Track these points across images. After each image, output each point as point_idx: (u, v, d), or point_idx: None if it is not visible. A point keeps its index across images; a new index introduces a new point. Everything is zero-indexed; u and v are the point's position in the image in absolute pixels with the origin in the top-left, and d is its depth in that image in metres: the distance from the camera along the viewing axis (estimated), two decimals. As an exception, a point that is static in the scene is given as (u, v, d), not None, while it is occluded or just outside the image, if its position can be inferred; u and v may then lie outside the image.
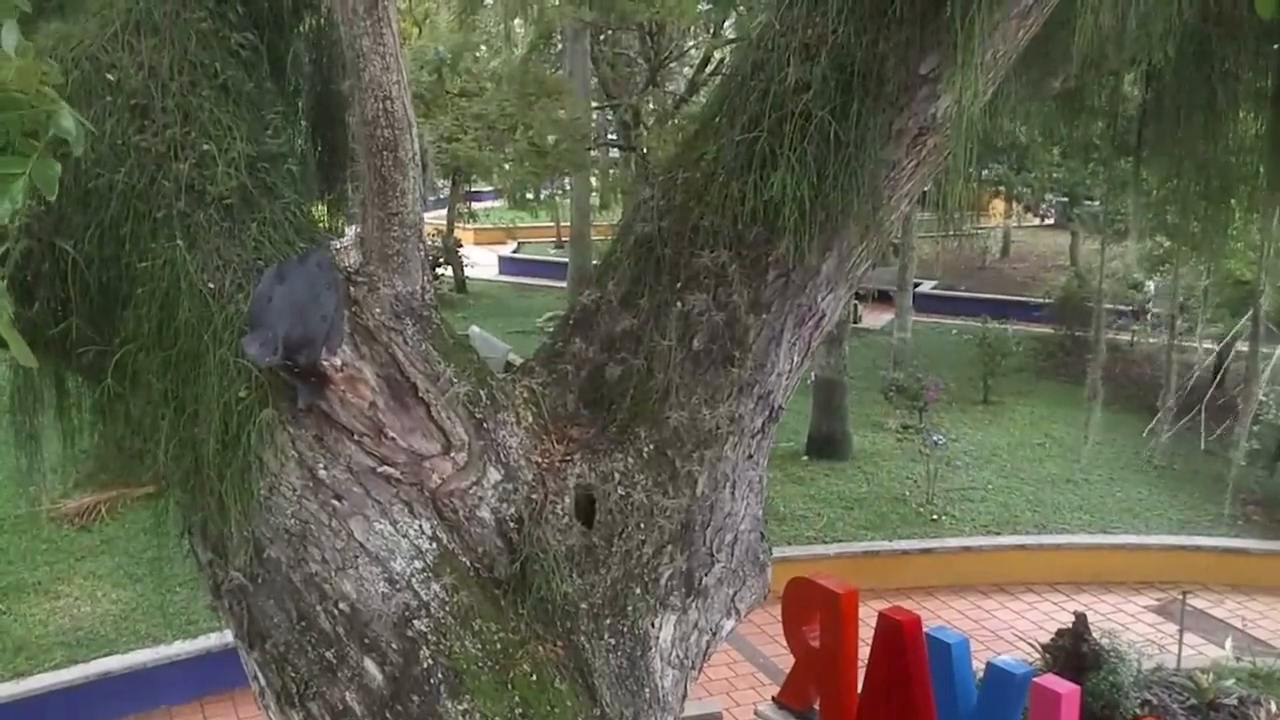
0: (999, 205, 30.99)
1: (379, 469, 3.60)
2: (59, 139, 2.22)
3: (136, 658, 10.64)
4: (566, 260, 28.25)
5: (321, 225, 4.39)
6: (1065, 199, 29.55)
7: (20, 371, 3.98)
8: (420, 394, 3.66)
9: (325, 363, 3.43)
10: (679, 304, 4.03)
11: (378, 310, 3.64)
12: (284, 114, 4.15)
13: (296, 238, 3.79)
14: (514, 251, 39.36)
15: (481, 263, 34.81)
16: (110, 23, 3.85)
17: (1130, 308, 21.82)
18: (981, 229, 31.61)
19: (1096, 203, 24.85)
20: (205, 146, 3.73)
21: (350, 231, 4.43)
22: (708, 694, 10.51)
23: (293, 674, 3.56)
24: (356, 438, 3.58)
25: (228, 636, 4.00)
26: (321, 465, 3.55)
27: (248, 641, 3.69)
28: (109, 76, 3.76)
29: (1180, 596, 11.45)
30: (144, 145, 3.70)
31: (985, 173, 20.01)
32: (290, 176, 3.97)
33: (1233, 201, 6.34)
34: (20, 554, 12.69)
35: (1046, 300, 25.57)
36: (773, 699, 9.16)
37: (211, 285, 3.58)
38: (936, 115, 3.91)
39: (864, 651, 8.18)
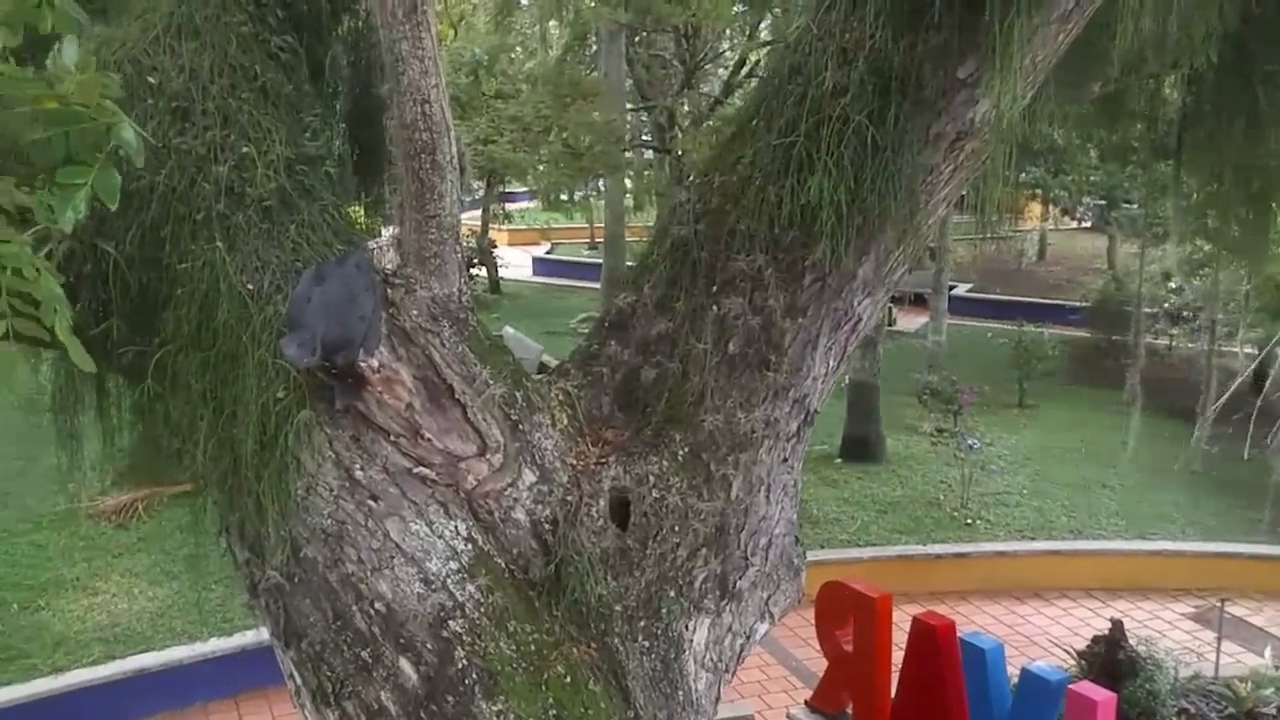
0: (1035, 208, 30.81)
1: (415, 470, 3.62)
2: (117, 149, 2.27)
3: (172, 654, 10.72)
4: (600, 261, 28.28)
5: (359, 227, 4.41)
6: (1103, 202, 29.34)
7: (62, 372, 4.02)
8: (456, 395, 3.68)
9: (363, 364, 3.45)
10: (715, 307, 4.03)
11: (415, 312, 3.66)
12: (322, 116, 4.18)
13: (334, 239, 3.81)
14: (548, 252, 39.47)
15: (515, 263, 34.92)
16: (152, 26, 3.88)
17: (1163, 308, 21.63)
18: (1018, 232, 31.43)
19: (1135, 206, 24.67)
20: (245, 149, 3.76)
21: (386, 232, 4.46)
22: (740, 697, 10.49)
23: (328, 673, 3.58)
24: (393, 438, 3.60)
25: (263, 634, 4.03)
26: (358, 466, 3.57)
27: (284, 640, 3.71)
28: (151, 79, 3.79)
29: (1218, 604, 11.33)
30: (184, 147, 3.73)
31: (1022, 176, 19.89)
32: (328, 179, 4.00)
33: (1274, 205, 6.29)
34: (59, 550, 12.82)
35: (1083, 304, 25.40)
36: (805, 702, 9.15)
37: (250, 286, 3.61)
38: (974, 120, 3.90)
39: (897, 656, 8.15)
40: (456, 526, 3.66)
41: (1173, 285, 20.97)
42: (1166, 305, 21.64)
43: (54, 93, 2.19)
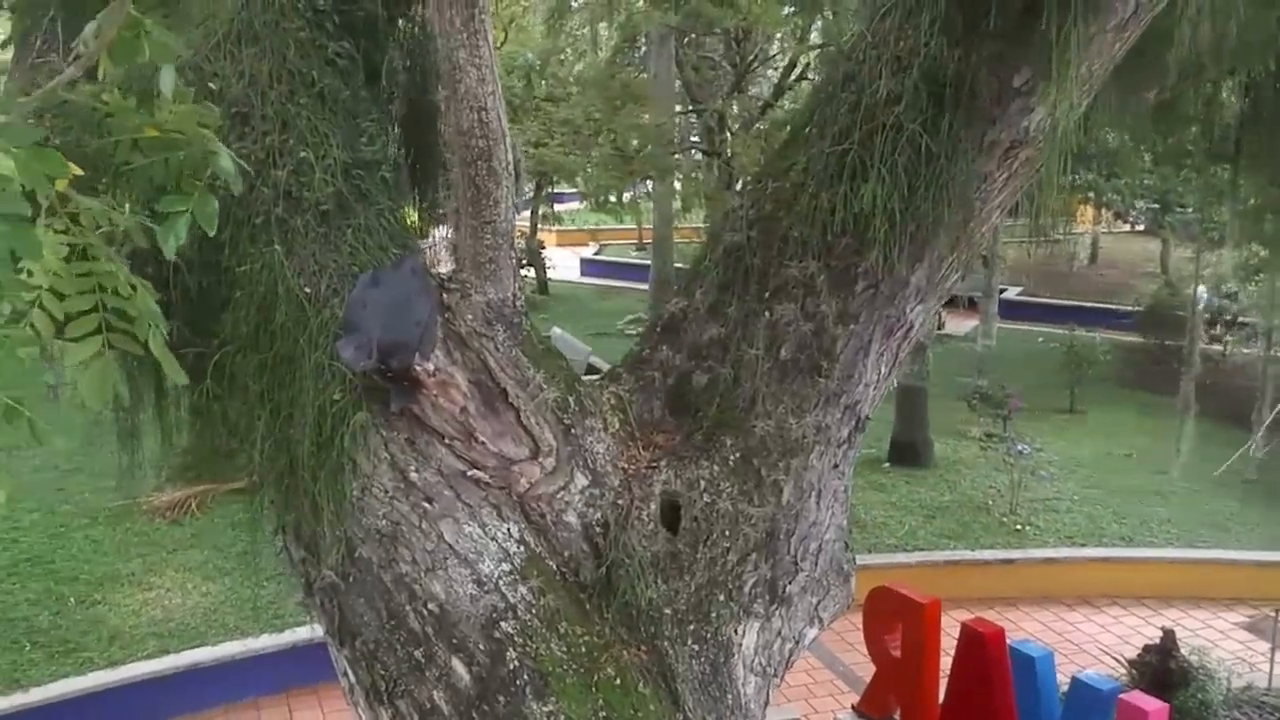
0: (1087, 211, 30.47)
1: (469, 472, 3.66)
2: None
3: (225, 650, 10.84)
4: (648, 263, 28.29)
5: (414, 231, 4.45)
6: (1156, 206, 28.98)
7: (123, 372, 4.09)
8: (510, 399, 3.71)
9: (418, 367, 3.50)
10: (767, 313, 4.04)
11: (470, 317, 3.70)
12: (378, 121, 4.22)
13: (390, 244, 3.86)
14: (596, 253, 39.51)
15: (563, 264, 34.99)
16: (213, 33, 3.94)
17: (1215, 314, 21.34)
18: (1069, 235, 31.10)
19: (1189, 210, 24.37)
20: (303, 153, 3.81)
21: (436, 233, 4.50)
22: (786, 700, 10.48)
23: (382, 672, 3.63)
24: (447, 441, 3.65)
25: (314, 631, 4.08)
26: (413, 468, 3.62)
27: (338, 639, 3.76)
28: (211, 85, 3.85)
29: (1272, 614, 11.18)
30: (244, 152, 3.77)
31: (1075, 179, 19.70)
32: (384, 183, 4.04)
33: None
34: (115, 546, 13.00)
35: (1135, 308, 25.11)
36: (852, 707, 9.13)
37: (307, 290, 3.66)
38: (1029, 128, 3.88)
39: (945, 662, 8.11)
40: (509, 529, 3.69)
41: (1209, 290, 20.66)
42: (1212, 307, 21.34)
43: (153, 121, 2.24)
